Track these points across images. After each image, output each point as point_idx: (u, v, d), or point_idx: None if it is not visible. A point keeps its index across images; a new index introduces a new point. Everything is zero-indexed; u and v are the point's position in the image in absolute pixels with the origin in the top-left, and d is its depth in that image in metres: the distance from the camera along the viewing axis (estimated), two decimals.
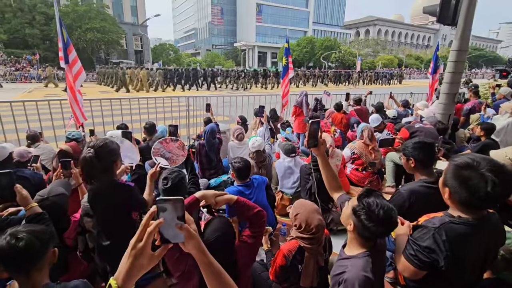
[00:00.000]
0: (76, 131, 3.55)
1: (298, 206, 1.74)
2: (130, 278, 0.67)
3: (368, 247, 1.31)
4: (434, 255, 1.19)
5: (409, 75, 45.20)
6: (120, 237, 1.66)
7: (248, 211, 1.50)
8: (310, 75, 27.72)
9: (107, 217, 1.81)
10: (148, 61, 41.95)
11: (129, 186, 1.92)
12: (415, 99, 8.99)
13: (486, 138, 3.65)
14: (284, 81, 6.13)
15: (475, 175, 1.11)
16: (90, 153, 1.65)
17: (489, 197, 1.08)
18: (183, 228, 0.71)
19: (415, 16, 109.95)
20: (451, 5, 4.84)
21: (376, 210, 1.22)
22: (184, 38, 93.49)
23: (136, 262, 0.67)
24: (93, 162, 1.65)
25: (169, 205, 0.70)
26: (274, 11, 71.54)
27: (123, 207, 1.83)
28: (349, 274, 1.25)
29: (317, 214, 1.69)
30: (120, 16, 44.27)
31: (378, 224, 1.22)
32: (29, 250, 1.07)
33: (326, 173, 1.66)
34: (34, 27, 32.69)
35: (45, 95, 14.57)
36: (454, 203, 1.23)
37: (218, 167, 3.89)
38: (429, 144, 1.94)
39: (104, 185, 1.78)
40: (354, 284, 1.20)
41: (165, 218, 0.69)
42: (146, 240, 0.67)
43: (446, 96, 5.43)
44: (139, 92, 17.04)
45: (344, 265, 1.32)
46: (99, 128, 5.08)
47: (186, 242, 0.73)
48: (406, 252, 1.30)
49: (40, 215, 1.42)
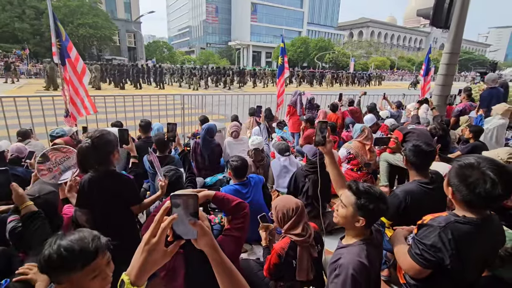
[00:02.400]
0: (59, 128, 3.50)
1: (275, 201, 1.88)
2: (143, 274, 0.66)
3: (363, 237, 1.36)
4: (440, 253, 1.22)
5: (402, 77, 45.85)
6: (118, 229, 1.71)
7: (228, 204, 1.51)
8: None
9: (104, 209, 1.80)
10: (141, 58, 41.43)
11: (127, 177, 1.95)
12: (407, 100, 9.13)
13: (475, 140, 3.79)
14: (279, 80, 6.15)
15: (475, 173, 1.14)
16: (87, 143, 1.68)
17: (488, 194, 1.11)
18: (197, 225, 0.71)
19: (408, 19, 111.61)
20: (444, 9, 4.94)
21: (372, 191, 1.32)
22: (178, 36, 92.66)
23: (149, 257, 0.66)
24: (89, 152, 1.68)
25: (183, 200, 0.70)
26: (269, 10, 71.54)
27: (119, 197, 1.85)
28: (344, 259, 1.30)
29: (292, 199, 1.83)
30: (113, 12, 43.61)
31: (377, 201, 1.30)
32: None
33: (333, 171, 1.71)
34: (24, 21, 31.88)
35: (36, 91, 14.26)
36: (457, 202, 1.26)
37: (214, 168, 3.86)
38: (425, 151, 1.96)
39: (100, 174, 1.79)
40: (349, 268, 1.24)
41: (178, 214, 0.69)
42: (160, 236, 0.67)
43: (438, 98, 5.55)
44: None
45: (340, 253, 1.37)
46: (93, 125, 5.01)
47: (198, 239, 0.72)
48: (411, 251, 1.33)
49: (35, 214, 1.40)
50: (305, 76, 27.71)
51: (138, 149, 2.78)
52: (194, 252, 1.33)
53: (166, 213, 0.70)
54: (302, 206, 1.80)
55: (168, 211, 0.70)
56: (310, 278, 1.73)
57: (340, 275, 1.26)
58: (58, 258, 0.93)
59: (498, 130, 4.19)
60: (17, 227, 1.53)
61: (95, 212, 1.82)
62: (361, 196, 1.32)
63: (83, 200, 1.81)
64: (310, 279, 1.73)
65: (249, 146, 3.46)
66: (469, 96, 6.16)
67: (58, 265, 0.93)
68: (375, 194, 1.31)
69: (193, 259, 1.43)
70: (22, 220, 1.37)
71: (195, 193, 0.71)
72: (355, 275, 1.22)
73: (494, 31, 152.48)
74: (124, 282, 0.65)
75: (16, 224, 1.55)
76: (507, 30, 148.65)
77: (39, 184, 1.96)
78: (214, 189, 3.43)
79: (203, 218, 0.75)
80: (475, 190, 1.13)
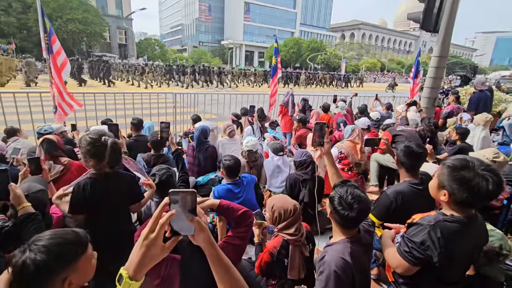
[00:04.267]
0: (47, 125, 3.43)
1: (272, 200, 1.90)
2: (141, 268, 0.68)
3: (349, 236, 1.40)
4: (429, 251, 1.25)
5: (393, 78, 46.50)
6: (118, 227, 1.83)
7: (233, 213, 1.50)
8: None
9: (110, 206, 1.80)
10: (132, 55, 40.88)
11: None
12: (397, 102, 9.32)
13: (461, 142, 3.90)
14: (273, 80, 6.17)
15: (474, 175, 1.16)
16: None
17: (489, 195, 1.15)
18: (194, 221, 0.72)
19: (398, 22, 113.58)
20: (433, 13, 5.06)
21: (345, 195, 1.34)
22: (171, 34, 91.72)
23: (148, 252, 0.67)
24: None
25: (181, 197, 0.71)
26: (262, 10, 71.66)
27: (125, 196, 1.88)
28: (327, 257, 1.35)
29: (290, 200, 1.86)
30: (103, 8, 42.85)
31: (347, 208, 1.32)
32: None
33: (331, 170, 1.77)
34: (10, 15, 31.02)
35: (21, 87, 13.86)
36: (449, 203, 1.29)
37: (208, 170, 3.76)
38: (416, 152, 1.99)
39: (112, 174, 1.81)
40: (331, 265, 1.29)
41: (176, 210, 0.70)
42: (158, 231, 0.68)
43: (427, 100, 5.68)
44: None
45: (325, 251, 1.41)
46: (82, 123, 4.91)
47: (196, 235, 0.74)
48: (400, 249, 1.36)
49: (33, 215, 1.37)
50: (281, 77, 26.86)
51: (130, 147, 2.75)
52: (191, 259, 1.32)
53: (164, 210, 0.71)
54: (299, 208, 1.83)
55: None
56: (302, 277, 1.76)
57: (324, 272, 1.31)
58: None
59: (483, 144, 4.21)
60: (4, 226, 1.49)
61: (92, 215, 1.78)
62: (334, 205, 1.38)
63: (79, 206, 1.76)
64: (301, 277, 1.76)
65: (243, 147, 3.45)
66: (457, 99, 6.32)
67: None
68: (344, 198, 1.35)
69: (189, 267, 1.42)
70: (19, 221, 1.35)
71: (193, 190, 0.72)
72: (337, 272, 1.27)
73: (481, 36, 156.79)
74: (123, 276, 0.66)
75: (3, 224, 1.51)
76: (493, 35, 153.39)
77: (28, 182, 1.91)
78: (205, 188, 3.42)
79: (201, 214, 0.76)
80: (478, 192, 1.15)
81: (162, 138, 2.50)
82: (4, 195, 1.38)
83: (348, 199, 1.33)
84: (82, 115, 4.99)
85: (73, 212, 1.77)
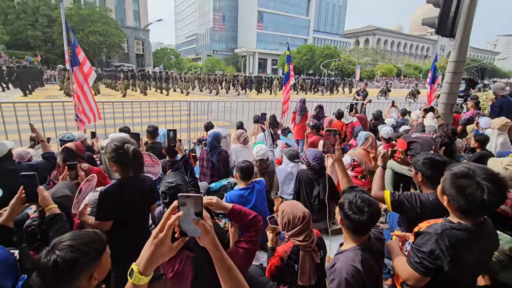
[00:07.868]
0: (69, 133, 3.56)
1: (283, 206, 1.93)
2: (151, 265, 0.73)
3: (359, 243, 1.39)
4: (439, 260, 1.23)
5: (408, 84, 45.58)
6: (144, 226, 2.06)
7: (244, 217, 1.55)
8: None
9: (137, 208, 1.94)
10: (149, 65, 42.18)
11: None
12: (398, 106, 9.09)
13: (481, 149, 3.72)
14: (285, 87, 6.21)
15: (471, 183, 1.16)
16: (135, 147, 1.84)
17: (485, 204, 1.13)
18: (200, 224, 0.77)
19: (414, 27, 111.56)
20: (449, 18, 4.95)
21: (354, 200, 1.35)
22: (186, 43, 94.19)
23: (156, 250, 0.73)
24: (140, 155, 1.87)
25: (189, 201, 0.76)
26: (275, 18, 72.39)
27: (148, 197, 2.03)
28: (338, 264, 1.34)
29: (300, 206, 1.87)
30: (122, 20, 44.72)
31: (358, 212, 1.32)
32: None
33: (342, 179, 1.80)
34: (37, 29, 32.97)
35: (45, 96, 14.62)
36: (453, 210, 1.28)
37: (221, 174, 3.83)
38: (439, 161, 1.90)
39: (137, 178, 1.95)
40: (342, 272, 1.29)
41: (184, 213, 0.75)
42: (166, 231, 0.74)
43: (444, 106, 5.52)
44: None
45: (336, 258, 1.41)
46: (101, 130, 5.12)
47: (201, 237, 0.79)
48: (410, 260, 1.34)
49: (58, 215, 1.46)
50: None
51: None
52: (205, 258, 1.37)
53: (173, 212, 0.76)
54: (309, 216, 1.83)
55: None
56: (312, 283, 1.75)
57: (334, 280, 1.31)
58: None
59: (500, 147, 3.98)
60: (31, 225, 1.60)
61: (120, 219, 1.86)
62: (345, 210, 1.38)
63: (108, 212, 1.83)
64: (312, 284, 1.75)
65: (254, 156, 3.49)
66: (477, 105, 6.11)
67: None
68: (353, 203, 1.36)
69: (203, 265, 1.46)
70: (46, 221, 1.44)
71: (199, 195, 0.77)
72: (348, 279, 1.26)
73: (503, 39, 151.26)
74: (134, 271, 0.72)
75: (31, 222, 1.61)
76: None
77: (57, 187, 2.02)
78: (218, 194, 3.47)
79: (207, 217, 0.81)
80: (472, 200, 1.15)
81: (170, 146, 2.55)
82: (34, 197, 1.48)
83: (358, 203, 1.33)
84: (101, 123, 5.20)
85: (101, 218, 1.82)
